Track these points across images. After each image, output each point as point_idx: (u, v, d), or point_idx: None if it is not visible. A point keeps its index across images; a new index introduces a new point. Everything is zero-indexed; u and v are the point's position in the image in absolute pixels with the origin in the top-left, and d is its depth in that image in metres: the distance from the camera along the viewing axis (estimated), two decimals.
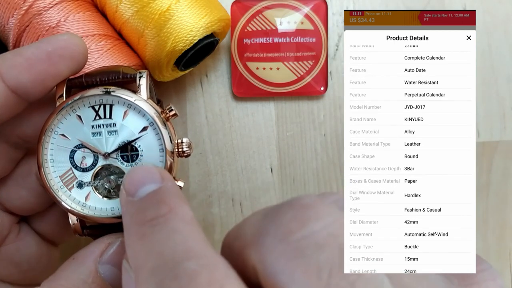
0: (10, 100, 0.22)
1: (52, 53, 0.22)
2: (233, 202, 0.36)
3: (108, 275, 0.21)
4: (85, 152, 0.23)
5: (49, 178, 0.23)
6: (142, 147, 0.23)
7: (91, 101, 0.23)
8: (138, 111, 0.23)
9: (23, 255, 0.26)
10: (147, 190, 0.19)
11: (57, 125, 0.23)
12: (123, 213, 0.19)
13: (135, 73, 0.23)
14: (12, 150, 0.25)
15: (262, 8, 0.35)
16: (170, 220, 0.17)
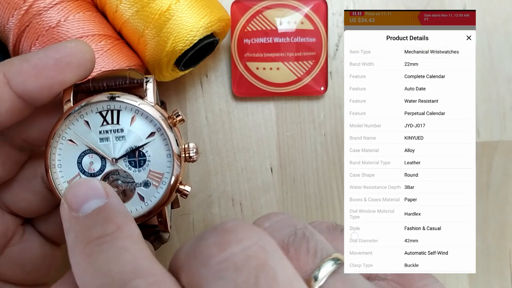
0: (17, 105, 0.22)
1: (59, 61, 0.22)
2: (233, 202, 0.36)
3: None
4: (92, 158, 0.23)
5: (57, 183, 0.23)
6: (149, 152, 0.23)
7: (99, 107, 0.23)
8: (146, 117, 0.23)
9: (27, 257, 0.26)
10: (92, 206, 0.19)
11: (64, 130, 0.23)
12: (67, 229, 0.19)
13: (142, 78, 0.24)
14: (17, 153, 0.25)
15: (262, 8, 0.35)
16: (118, 239, 0.17)
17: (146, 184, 0.23)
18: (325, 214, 0.36)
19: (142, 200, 0.23)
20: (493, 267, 0.36)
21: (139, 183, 0.23)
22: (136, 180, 0.23)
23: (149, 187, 0.23)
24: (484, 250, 0.36)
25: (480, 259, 0.35)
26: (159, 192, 0.23)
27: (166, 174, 0.23)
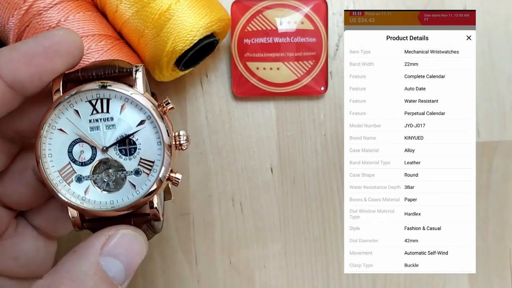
0: (7, 95, 0.22)
1: (48, 48, 0.22)
2: (233, 202, 0.36)
3: (109, 267, 0.21)
4: (83, 147, 0.23)
5: (48, 173, 0.23)
6: (140, 140, 0.23)
7: (88, 95, 0.23)
8: (135, 105, 0.23)
9: (21, 250, 0.26)
10: None
11: (54, 120, 0.23)
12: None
13: (131, 67, 0.24)
14: (8, 145, 0.25)
15: (262, 8, 0.35)
16: None
17: (137, 172, 0.23)
18: (325, 214, 0.36)
19: (134, 188, 0.23)
20: (493, 267, 0.36)
21: (130, 171, 0.23)
22: (127, 168, 0.23)
23: (140, 175, 0.23)
24: (484, 250, 0.35)
25: (480, 259, 0.35)
26: (150, 180, 0.23)
27: (157, 162, 0.23)
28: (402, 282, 0.35)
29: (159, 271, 0.36)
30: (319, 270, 0.36)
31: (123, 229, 0.23)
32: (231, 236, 0.36)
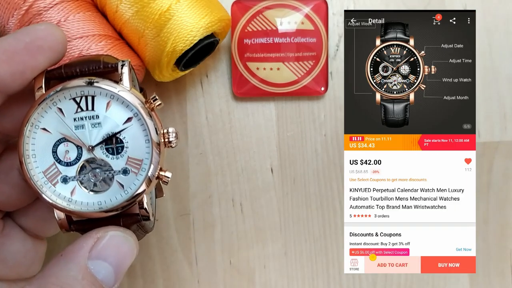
0: None
1: (30, 44, 0.21)
2: (233, 202, 0.36)
3: (98, 271, 0.21)
4: (68, 146, 0.22)
5: (32, 174, 0.22)
6: (127, 138, 0.22)
7: (72, 93, 0.22)
8: (122, 102, 0.22)
9: (8, 251, 0.25)
10: None
11: (37, 119, 0.22)
12: None
13: (116, 62, 0.23)
14: None
15: (263, 8, 0.35)
16: None
17: (125, 171, 0.22)
18: (325, 214, 0.36)
19: (122, 188, 0.22)
20: (493, 268, 0.36)
21: (117, 171, 0.22)
22: (114, 168, 0.22)
23: (128, 174, 0.22)
24: (484, 251, 0.35)
25: (480, 260, 0.35)
26: (139, 179, 0.22)
27: (145, 160, 0.22)
28: (402, 282, 0.35)
29: (159, 271, 0.36)
30: (319, 270, 0.36)
31: (112, 231, 0.22)
32: (231, 236, 0.36)
